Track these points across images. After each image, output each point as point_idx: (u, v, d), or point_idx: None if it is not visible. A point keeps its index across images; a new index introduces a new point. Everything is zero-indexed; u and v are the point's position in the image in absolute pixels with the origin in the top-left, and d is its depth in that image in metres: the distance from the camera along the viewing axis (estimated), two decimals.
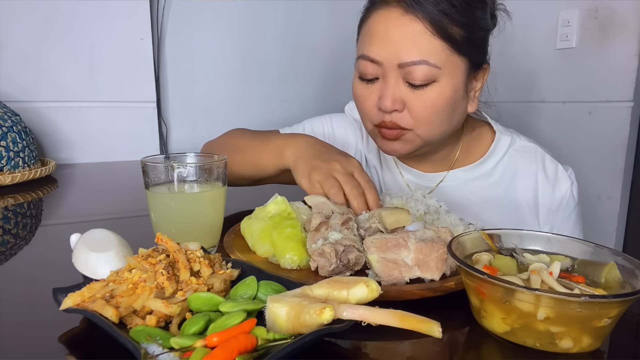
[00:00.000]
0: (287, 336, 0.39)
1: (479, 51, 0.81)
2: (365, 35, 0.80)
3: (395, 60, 0.75)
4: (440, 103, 0.77)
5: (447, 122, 0.81)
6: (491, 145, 0.92)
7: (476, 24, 0.77)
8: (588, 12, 1.53)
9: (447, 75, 0.76)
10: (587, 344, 0.42)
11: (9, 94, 1.39)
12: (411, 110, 0.77)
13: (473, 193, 0.91)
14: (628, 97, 1.46)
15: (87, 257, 0.53)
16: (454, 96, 0.78)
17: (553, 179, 0.89)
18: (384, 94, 0.77)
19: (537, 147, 0.92)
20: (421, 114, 0.77)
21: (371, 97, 0.80)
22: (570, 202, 0.89)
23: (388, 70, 0.76)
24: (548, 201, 0.89)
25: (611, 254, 0.49)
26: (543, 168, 0.90)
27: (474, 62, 0.80)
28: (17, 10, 1.37)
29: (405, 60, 0.74)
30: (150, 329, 0.41)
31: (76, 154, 1.52)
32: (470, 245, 0.53)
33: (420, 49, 0.74)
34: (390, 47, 0.75)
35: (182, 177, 0.64)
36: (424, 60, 0.74)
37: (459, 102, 0.80)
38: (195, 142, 1.77)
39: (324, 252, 0.55)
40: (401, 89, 0.77)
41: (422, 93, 0.76)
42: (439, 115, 0.78)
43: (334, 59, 1.99)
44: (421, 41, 0.74)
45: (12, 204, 0.98)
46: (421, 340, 0.45)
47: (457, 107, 0.81)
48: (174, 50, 1.69)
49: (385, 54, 0.76)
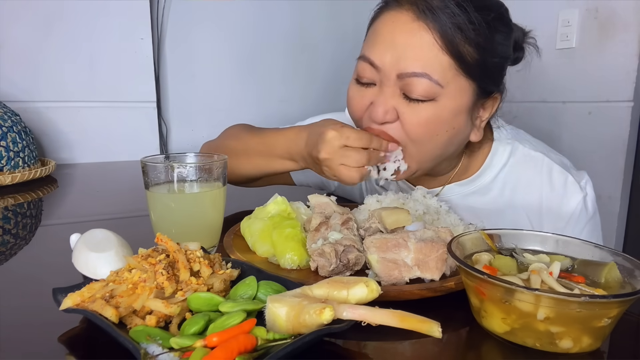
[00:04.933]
0: (287, 336, 0.39)
1: (491, 79, 0.73)
2: (371, 36, 0.74)
3: (395, 69, 0.69)
4: (435, 125, 0.70)
5: (441, 149, 0.74)
6: (488, 157, 0.84)
7: (493, 49, 0.70)
8: (588, 12, 1.53)
9: (448, 97, 0.69)
10: (587, 344, 0.42)
11: (9, 94, 1.39)
12: (404, 123, 0.71)
13: (470, 209, 0.84)
14: (628, 97, 1.46)
15: (87, 257, 0.53)
16: (452, 121, 0.71)
17: (561, 193, 0.81)
18: (376, 101, 0.71)
19: (543, 157, 0.83)
20: (413, 130, 0.71)
21: (363, 100, 0.74)
22: (582, 217, 0.81)
23: (386, 78, 0.70)
24: (554, 217, 0.81)
25: (611, 254, 0.49)
26: (549, 180, 0.81)
27: (483, 89, 0.73)
28: (17, 10, 1.37)
29: (406, 70, 0.68)
30: (150, 329, 0.41)
31: (76, 154, 1.52)
32: (470, 245, 0.53)
33: (425, 61, 0.67)
34: (392, 53, 0.69)
35: (182, 177, 0.64)
36: (426, 74, 0.67)
37: (460, 130, 0.73)
38: (195, 142, 1.77)
39: (324, 252, 0.55)
40: (397, 99, 0.70)
41: (417, 108, 0.69)
42: (433, 139, 0.72)
43: (333, 59, 1.99)
44: (427, 53, 0.67)
45: (12, 204, 0.98)
46: (421, 340, 0.45)
47: (458, 135, 0.74)
48: (174, 50, 1.69)
49: (386, 59, 0.70)
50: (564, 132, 1.64)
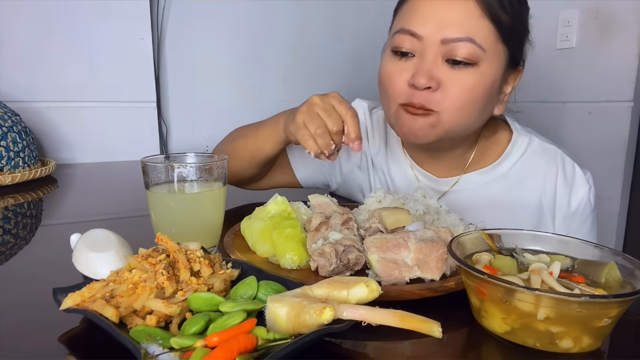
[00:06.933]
0: (287, 336, 0.39)
1: (520, 48, 0.78)
2: (407, 11, 0.76)
3: (439, 36, 0.71)
4: (478, 90, 0.73)
5: (475, 115, 0.76)
6: (508, 146, 0.87)
7: (522, 19, 0.75)
8: (588, 12, 1.53)
9: (489, 61, 0.72)
10: (587, 344, 0.42)
11: (9, 94, 1.39)
12: (447, 90, 0.72)
13: (488, 196, 0.86)
14: (628, 97, 1.46)
15: (87, 257, 0.53)
16: (491, 87, 0.74)
17: (571, 182, 0.85)
18: (420, 69, 0.72)
19: (557, 149, 0.88)
20: (457, 96, 0.72)
21: (403, 74, 0.75)
22: (587, 208, 0.85)
23: (428, 46, 0.72)
24: (565, 206, 0.85)
25: (611, 254, 0.49)
26: (563, 170, 0.85)
27: (513, 58, 0.77)
28: (17, 10, 1.37)
29: (450, 36, 0.71)
30: (150, 329, 0.41)
31: (76, 154, 1.52)
32: (470, 245, 0.53)
33: (468, 26, 0.71)
34: (434, 22, 0.72)
35: (182, 177, 0.64)
36: (470, 38, 0.70)
37: (493, 97, 0.77)
38: (195, 142, 1.77)
39: (324, 252, 0.55)
40: (439, 67, 0.72)
41: (462, 74, 0.72)
42: (472, 104, 0.74)
43: (333, 59, 1.99)
44: (470, 19, 0.71)
45: (12, 204, 0.98)
46: (421, 340, 0.45)
47: (489, 102, 0.77)
48: (174, 50, 1.69)
49: (428, 28, 0.72)
50: (564, 132, 1.64)
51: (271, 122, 0.86)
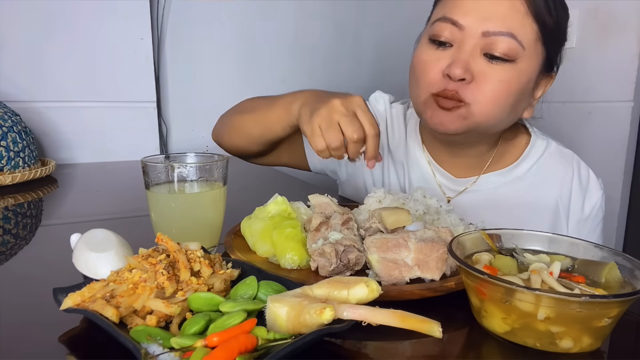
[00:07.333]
0: (288, 336, 0.39)
1: (557, 50, 0.78)
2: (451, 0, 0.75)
3: (481, 28, 0.70)
4: (513, 85, 0.72)
5: (507, 112, 0.75)
6: (526, 148, 0.87)
7: (562, 25, 0.75)
8: (588, 12, 1.53)
9: (527, 60, 0.72)
10: (588, 344, 0.42)
11: (9, 94, 1.39)
12: (481, 82, 0.72)
13: (505, 197, 0.86)
14: (628, 97, 1.46)
15: (87, 257, 0.53)
16: (526, 86, 0.74)
17: (585, 187, 0.86)
18: (457, 59, 0.72)
19: (573, 154, 0.88)
20: (491, 89, 0.72)
21: (439, 63, 0.74)
22: (599, 214, 0.86)
23: (468, 37, 0.72)
24: (579, 210, 0.86)
25: (611, 254, 0.49)
26: (579, 175, 0.86)
27: (549, 61, 0.77)
28: (17, 10, 1.37)
29: (492, 29, 0.70)
30: (150, 329, 0.41)
31: (76, 154, 1.51)
32: (470, 245, 0.53)
33: (511, 22, 0.70)
34: (478, 13, 0.71)
35: (182, 177, 0.64)
36: (512, 34, 0.70)
37: (525, 97, 0.76)
38: (195, 142, 1.77)
39: (324, 252, 0.55)
40: (476, 60, 0.72)
41: (498, 69, 0.71)
42: (505, 99, 0.73)
43: (334, 59, 1.98)
44: (514, 15, 0.70)
45: (12, 204, 0.98)
46: (421, 340, 0.45)
47: (522, 101, 0.77)
48: (174, 50, 1.69)
49: (471, 18, 0.71)
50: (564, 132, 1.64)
51: (283, 103, 0.82)
